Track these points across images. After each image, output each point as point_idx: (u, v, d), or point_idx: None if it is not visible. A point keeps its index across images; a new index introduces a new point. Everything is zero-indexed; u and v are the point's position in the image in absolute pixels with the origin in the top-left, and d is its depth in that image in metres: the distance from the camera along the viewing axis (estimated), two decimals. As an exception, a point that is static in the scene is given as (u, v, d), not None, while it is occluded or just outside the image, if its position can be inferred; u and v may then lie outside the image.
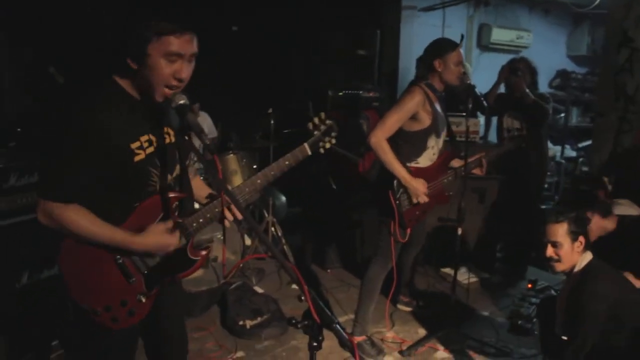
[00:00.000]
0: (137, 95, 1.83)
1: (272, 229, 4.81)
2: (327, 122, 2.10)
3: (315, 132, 2.09)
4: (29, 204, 3.06)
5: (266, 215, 4.84)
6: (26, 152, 3.38)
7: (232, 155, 4.59)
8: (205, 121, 5.38)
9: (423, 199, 3.22)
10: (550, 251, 2.71)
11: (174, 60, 1.73)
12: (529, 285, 4.40)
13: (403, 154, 3.25)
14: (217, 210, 1.96)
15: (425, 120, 3.24)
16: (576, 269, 2.73)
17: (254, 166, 4.70)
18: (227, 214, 1.92)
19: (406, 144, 3.28)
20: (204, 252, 2.02)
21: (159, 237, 1.85)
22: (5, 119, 4.87)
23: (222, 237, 4.03)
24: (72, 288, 1.85)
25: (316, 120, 2.10)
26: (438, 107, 3.31)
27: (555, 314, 2.86)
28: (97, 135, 1.70)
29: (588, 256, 2.73)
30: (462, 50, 3.25)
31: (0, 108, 5.00)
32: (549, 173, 6.13)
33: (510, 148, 3.81)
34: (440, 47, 3.24)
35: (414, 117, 3.22)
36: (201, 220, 1.97)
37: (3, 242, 2.97)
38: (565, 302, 2.77)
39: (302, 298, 1.42)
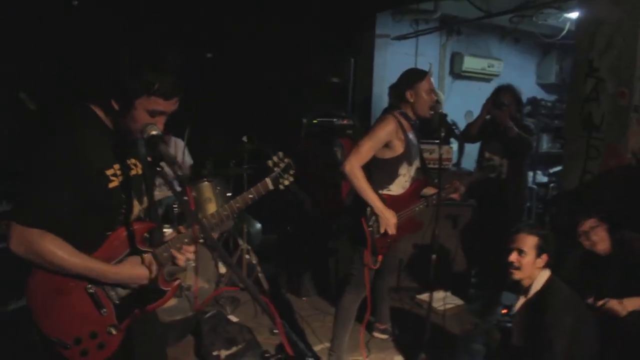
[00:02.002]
0: (111, 125, 1.85)
1: (247, 256, 4.77)
2: (285, 160, 2.17)
3: (275, 169, 2.15)
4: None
5: (240, 242, 4.80)
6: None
7: (206, 182, 4.55)
8: (179, 147, 5.34)
9: (392, 230, 3.23)
10: (514, 257, 2.86)
11: (155, 115, 1.77)
12: (504, 311, 4.41)
13: (375, 181, 3.28)
14: (186, 241, 1.96)
15: (398, 148, 3.28)
16: (534, 288, 2.83)
17: (228, 194, 4.67)
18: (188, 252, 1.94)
19: (378, 170, 3.32)
20: (175, 283, 2.01)
21: (134, 268, 1.86)
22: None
23: (195, 265, 4.00)
24: (41, 320, 1.82)
25: (275, 158, 2.15)
26: (411, 136, 3.35)
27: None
28: (75, 161, 1.72)
29: (546, 274, 2.86)
30: (432, 79, 3.31)
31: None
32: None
33: (479, 177, 3.85)
34: (410, 78, 3.29)
35: (387, 145, 3.26)
36: (172, 250, 1.96)
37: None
38: (524, 322, 2.85)
39: (275, 331, 1.41)
